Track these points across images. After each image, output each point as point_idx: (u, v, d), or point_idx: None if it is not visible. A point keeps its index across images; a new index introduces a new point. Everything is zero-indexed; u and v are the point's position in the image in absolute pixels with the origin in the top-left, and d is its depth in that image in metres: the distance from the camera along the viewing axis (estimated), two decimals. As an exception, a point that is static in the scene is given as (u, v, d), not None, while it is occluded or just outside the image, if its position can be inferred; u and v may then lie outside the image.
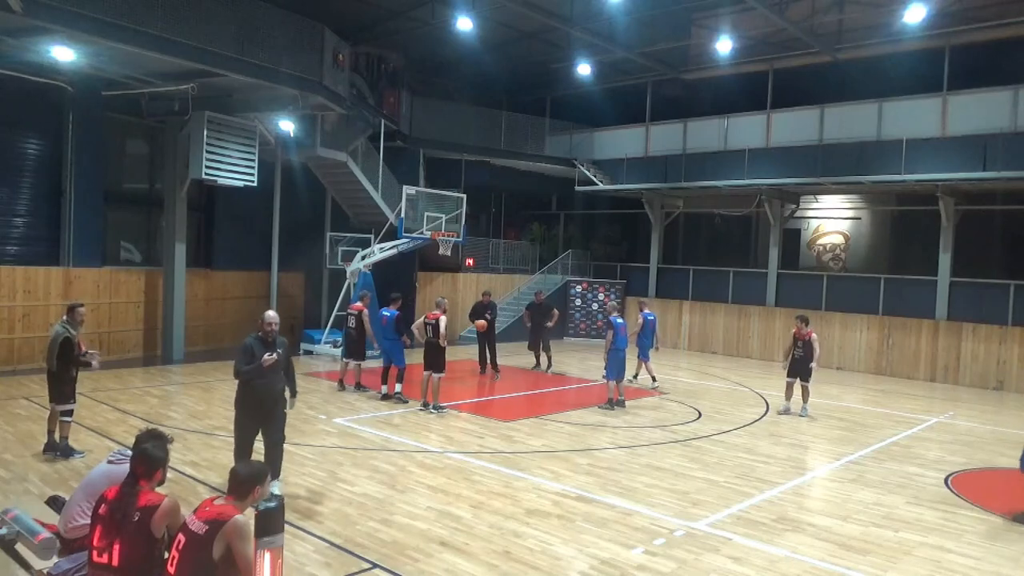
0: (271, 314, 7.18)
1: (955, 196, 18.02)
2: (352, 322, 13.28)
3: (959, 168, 16.96)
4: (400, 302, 12.99)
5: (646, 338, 14.89)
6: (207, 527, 3.78)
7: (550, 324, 16.50)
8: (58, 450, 8.39)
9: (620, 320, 12.81)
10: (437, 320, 11.79)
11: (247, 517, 3.91)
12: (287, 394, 7.45)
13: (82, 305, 8.82)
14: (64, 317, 8.61)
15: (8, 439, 9.00)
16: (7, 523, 4.44)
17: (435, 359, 11.68)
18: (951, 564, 6.34)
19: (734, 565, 6.09)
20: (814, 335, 12.73)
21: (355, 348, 13.29)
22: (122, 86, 14.74)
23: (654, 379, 14.81)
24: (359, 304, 13.40)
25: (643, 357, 14.93)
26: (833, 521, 7.29)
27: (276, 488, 6.96)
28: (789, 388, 12.80)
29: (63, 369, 8.45)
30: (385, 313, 12.75)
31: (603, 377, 12.98)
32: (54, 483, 7.31)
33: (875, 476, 9.04)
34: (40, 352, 14.20)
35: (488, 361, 15.72)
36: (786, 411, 12.69)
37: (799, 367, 12.60)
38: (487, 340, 15.70)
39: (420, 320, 12.37)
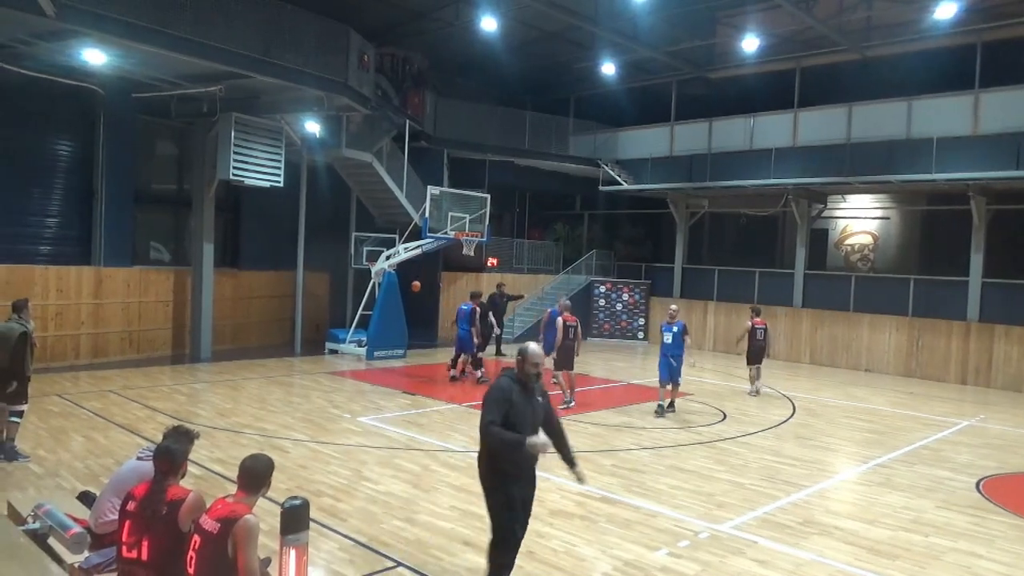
0: (534, 348, 5.22)
1: (987, 195, 17.69)
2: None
3: (991, 167, 16.64)
4: (478, 299, 15.08)
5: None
6: (220, 525, 3.83)
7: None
8: (2, 453, 7.98)
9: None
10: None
11: (257, 517, 3.95)
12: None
13: (28, 300, 8.40)
14: (13, 315, 8.14)
15: (41, 435, 9.17)
16: (40, 517, 4.54)
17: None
18: (982, 570, 6.23)
19: (759, 568, 6.04)
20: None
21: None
22: (152, 88, 14.95)
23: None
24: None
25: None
26: (860, 525, 7.19)
27: None
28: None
29: (20, 365, 8.01)
30: (463, 307, 14.72)
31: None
32: (85, 479, 7.44)
33: (904, 479, 8.91)
34: (72, 350, 14.57)
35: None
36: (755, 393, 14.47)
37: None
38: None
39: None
